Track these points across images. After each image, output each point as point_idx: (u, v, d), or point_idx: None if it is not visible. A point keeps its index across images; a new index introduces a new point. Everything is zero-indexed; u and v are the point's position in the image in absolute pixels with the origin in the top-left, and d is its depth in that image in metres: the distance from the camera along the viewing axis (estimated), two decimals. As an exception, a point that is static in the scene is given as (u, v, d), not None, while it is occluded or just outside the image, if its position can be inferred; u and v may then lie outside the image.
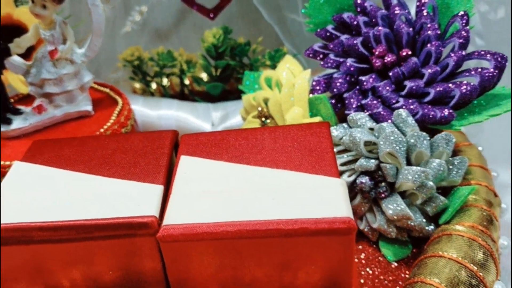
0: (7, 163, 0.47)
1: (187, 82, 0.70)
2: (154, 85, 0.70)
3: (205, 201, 0.35)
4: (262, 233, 0.33)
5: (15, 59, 0.53)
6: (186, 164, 0.39)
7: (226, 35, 0.61)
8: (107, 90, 0.59)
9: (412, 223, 0.46)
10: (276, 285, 0.36)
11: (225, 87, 0.66)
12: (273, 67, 0.66)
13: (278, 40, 0.67)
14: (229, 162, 0.39)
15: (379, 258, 0.48)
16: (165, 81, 0.69)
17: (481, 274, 0.39)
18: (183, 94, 0.70)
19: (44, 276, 0.36)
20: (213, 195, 0.36)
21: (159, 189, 0.37)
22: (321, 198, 0.35)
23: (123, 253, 0.35)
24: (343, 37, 0.52)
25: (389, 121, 0.47)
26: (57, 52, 0.52)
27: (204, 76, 0.69)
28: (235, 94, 0.68)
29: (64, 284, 0.37)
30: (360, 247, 0.49)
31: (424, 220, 0.46)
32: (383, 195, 0.46)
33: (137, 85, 0.71)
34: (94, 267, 0.36)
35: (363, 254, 0.48)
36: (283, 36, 0.65)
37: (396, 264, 0.47)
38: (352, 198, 0.49)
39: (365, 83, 0.50)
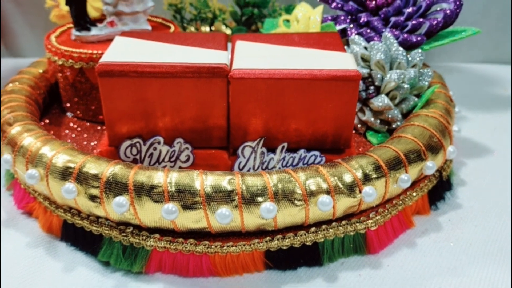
0: (95, 52, 0.63)
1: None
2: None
3: (258, 58, 0.52)
4: (299, 75, 0.50)
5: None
6: (241, 44, 0.56)
7: (252, -10, 0.79)
8: (160, 20, 0.75)
9: (391, 115, 0.63)
10: (305, 120, 0.52)
11: (247, 32, 0.83)
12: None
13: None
14: (272, 44, 0.56)
15: (366, 143, 0.65)
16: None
17: (439, 136, 0.56)
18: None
19: (144, 105, 0.51)
20: (263, 56, 0.53)
21: (225, 52, 0.53)
22: (337, 60, 0.52)
23: (202, 90, 0.51)
24: (347, -13, 0.71)
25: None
26: (131, -22, 0.68)
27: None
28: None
29: (157, 113, 0.52)
30: (352, 136, 0.66)
31: (400, 115, 0.64)
32: (371, 95, 0.64)
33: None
34: (180, 99, 0.51)
35: (354, 140, 0.65)
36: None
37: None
38: (348, 101, 0.67)
39: (361, 18, 0.68)
